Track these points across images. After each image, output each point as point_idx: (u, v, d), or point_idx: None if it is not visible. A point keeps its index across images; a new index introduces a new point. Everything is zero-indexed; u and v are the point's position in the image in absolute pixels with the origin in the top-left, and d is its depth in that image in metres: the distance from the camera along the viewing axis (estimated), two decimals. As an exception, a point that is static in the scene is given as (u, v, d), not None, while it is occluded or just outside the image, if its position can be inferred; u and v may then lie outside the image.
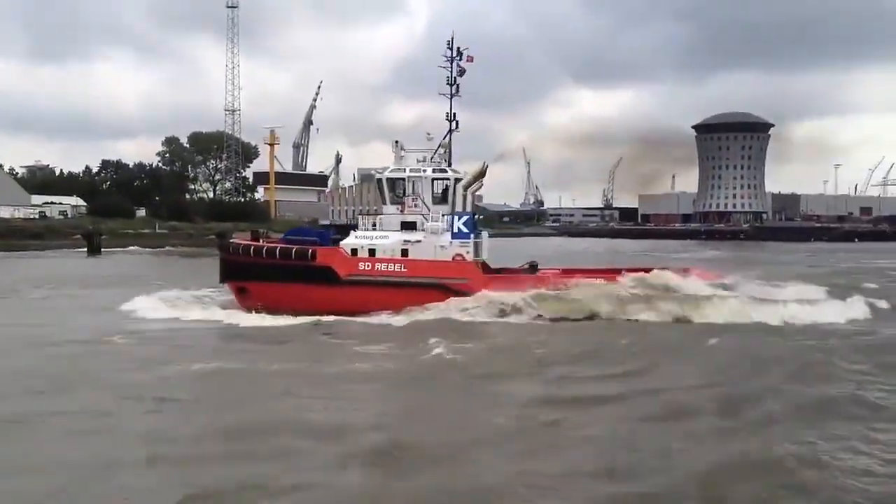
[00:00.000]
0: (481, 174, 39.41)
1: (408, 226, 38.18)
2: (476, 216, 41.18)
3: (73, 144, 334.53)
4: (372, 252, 37.12)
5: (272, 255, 37.46)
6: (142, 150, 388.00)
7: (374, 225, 39.26)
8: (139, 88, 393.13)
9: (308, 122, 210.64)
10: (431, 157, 39.22)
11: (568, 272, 38.52)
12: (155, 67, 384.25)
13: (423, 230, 37.57)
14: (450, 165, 39.54)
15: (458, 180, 38.55)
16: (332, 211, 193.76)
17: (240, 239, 42.65)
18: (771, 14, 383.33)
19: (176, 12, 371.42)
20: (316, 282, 35.95)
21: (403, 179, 38.90)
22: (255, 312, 35.56)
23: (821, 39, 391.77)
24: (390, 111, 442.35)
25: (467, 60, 40.06)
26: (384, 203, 39.40)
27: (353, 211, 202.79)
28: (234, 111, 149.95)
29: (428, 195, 38.48)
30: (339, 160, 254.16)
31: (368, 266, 36.46)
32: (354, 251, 37.17)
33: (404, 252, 37.11)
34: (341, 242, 38.26)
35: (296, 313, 34.32)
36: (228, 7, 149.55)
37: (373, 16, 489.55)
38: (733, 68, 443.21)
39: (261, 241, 40.84)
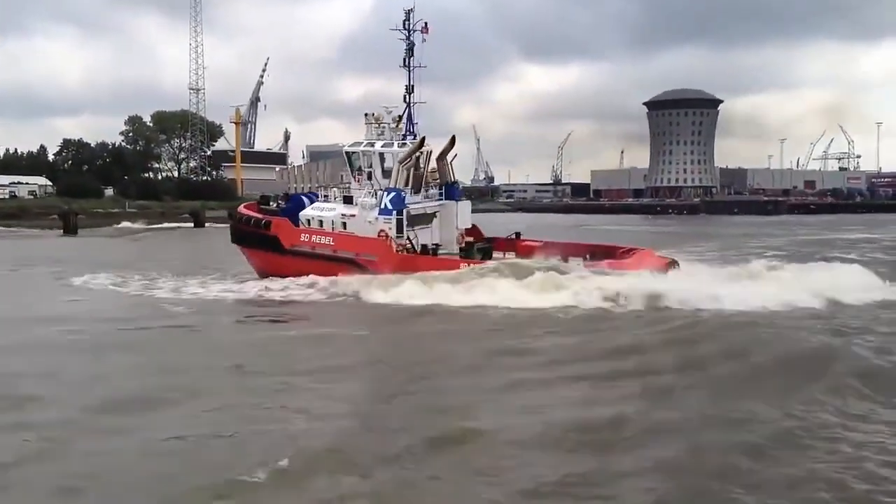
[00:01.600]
0: (419, 147, 38.12)
1: (348, 200, 38.85)
2: (456, 185, 41.04)
3: (14, 122, 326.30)
4: (321, 223, 38.65)
5: (244, 222, 40.86)
6: (85, 128, 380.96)
7: (326, 197, 40.60)
8: (82, 65, 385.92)
9: (255, 99, 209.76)
10: (394, 130, 39.30)
11: (550, 245, 38.01)
12: (98, 44, 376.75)
13: (356, 205, 38.00)
14: (414, 138, 39.23)
15: (396, 154, 37.90)
16: (291, 188, 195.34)
17: (244, 206, 44.79)
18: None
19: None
20: (269, 250, 38.92)
21: (357, 154, 39.29)
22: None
23: (765, 15, 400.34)
24: (338, 87, 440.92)
25: (423, 31, 39.26)
26: (352, 177, 40.20)
27: (309, 188, 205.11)
28: (198, 90, 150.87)
29: (378, 170, 38.41)
30: (287, 137, 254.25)
31: (307, 237, 38.07)
32: (308, 222, 39.03)
33: (344, 225, 37.93)
34: (300, 213, 39.56)
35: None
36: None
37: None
38: (680, 45, 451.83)
39: (272, 205, 42.33)
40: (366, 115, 39.93)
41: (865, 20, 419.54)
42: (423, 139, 38.71)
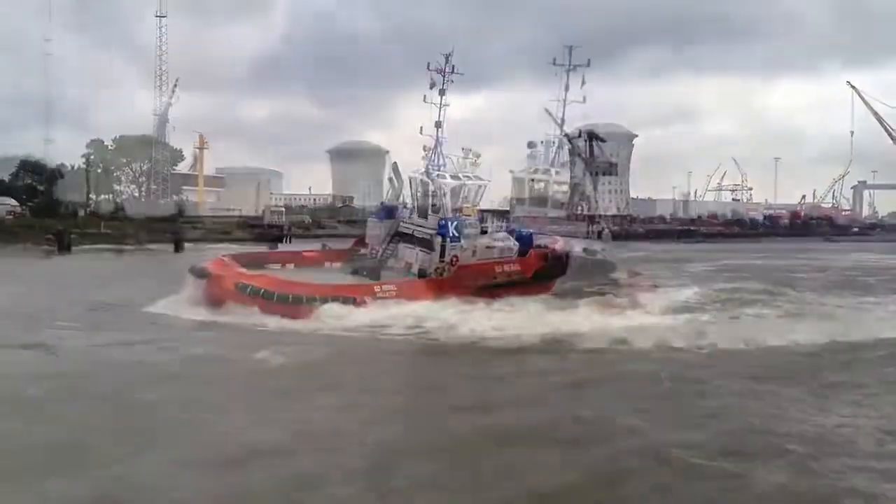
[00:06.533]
0: (394, 170, 44.47)
1: None
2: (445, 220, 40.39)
3: None
4: None
5: None
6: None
7: None
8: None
9: (164, 120, 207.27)
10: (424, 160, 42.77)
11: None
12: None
13: None
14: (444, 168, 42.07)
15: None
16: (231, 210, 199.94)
17: None
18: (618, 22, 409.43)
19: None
20: None
21: None
22: None
23: (667, 48, 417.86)
24: (242, 108, 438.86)
25: (456, 73, 41.96)
26: None
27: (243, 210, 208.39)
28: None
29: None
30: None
31: None
32: None
33: None
34: None
35: None
36: (157, 17, 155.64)
37: (229, 13, 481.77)
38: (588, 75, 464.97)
39: None
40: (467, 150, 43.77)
41: (763, 57, 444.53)
42: (394, 164, 45.29)
